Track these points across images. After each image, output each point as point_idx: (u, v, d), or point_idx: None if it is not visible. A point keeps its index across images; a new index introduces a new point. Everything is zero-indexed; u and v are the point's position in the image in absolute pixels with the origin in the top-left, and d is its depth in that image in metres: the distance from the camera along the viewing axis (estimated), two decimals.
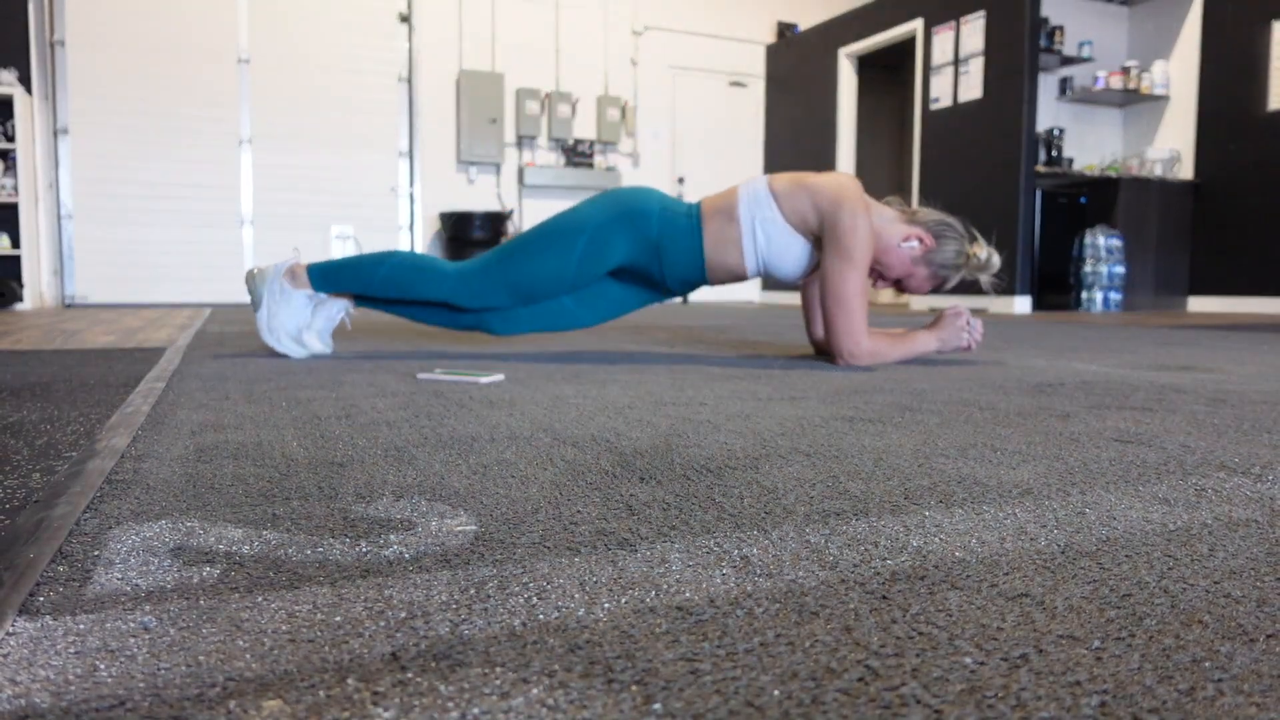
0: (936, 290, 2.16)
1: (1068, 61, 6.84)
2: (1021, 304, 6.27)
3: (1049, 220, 6.38)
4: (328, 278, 2.15)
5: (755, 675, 0.45)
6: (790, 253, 2.08)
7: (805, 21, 9.14)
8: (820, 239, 2.06)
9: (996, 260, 2.12)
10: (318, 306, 2.18)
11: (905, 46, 7.64)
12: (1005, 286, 6.21)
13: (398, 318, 4.35)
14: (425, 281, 2.12)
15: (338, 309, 2.20)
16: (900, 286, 2.16)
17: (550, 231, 2.10)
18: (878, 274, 2.14)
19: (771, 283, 8.96)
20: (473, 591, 0.57)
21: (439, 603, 0.55)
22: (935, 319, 2.16)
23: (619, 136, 8.26)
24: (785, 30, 8.93)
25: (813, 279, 2.29)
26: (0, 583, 0.56)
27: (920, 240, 2.07)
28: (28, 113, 6.25)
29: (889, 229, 2.09)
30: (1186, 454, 1.04)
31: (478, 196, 7.94)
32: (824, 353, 2.36)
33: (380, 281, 2.12)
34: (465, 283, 2.12)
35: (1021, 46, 6.05)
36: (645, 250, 2.10)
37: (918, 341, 2.10)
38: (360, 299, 2.23)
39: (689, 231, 2.08)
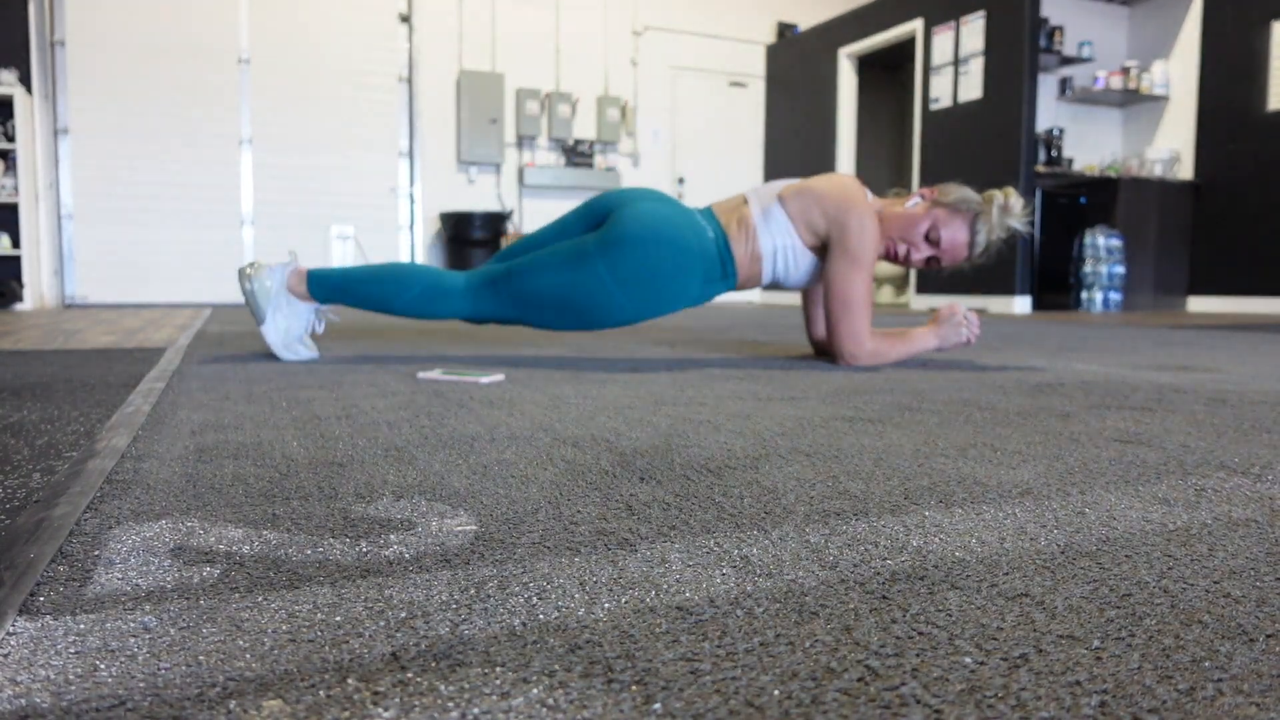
0: (973, 247, 2.05)
1: (1068, 61, 6.84)
2: (1021, 304, 6.27)
3: (1049, 220, 6.38)
4: (338, 294, 2.07)
5: (755, 675, 0.45)
6: (803, 269, 2.12)
7: (805, 21, 9.13)
8: (825, 246, 2.07)
9: (1017, 199, 2.04)
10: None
11: (905, 46, 7.63)
12: (1008, 281, 6.21)
13: (395, 315, 4.35)
14: (442, 307, 2.07)
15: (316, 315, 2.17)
16: (936, 261, 2.08)
17: (586, 309, 2.03)
18: (906, 251, 2.07)
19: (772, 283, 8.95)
20: (473, 591, 0.57)
21: (439, 603, 0.55)
22: (933, 317, 2.16)
23: (619, 136, 8.26)
24: (785, 30, 8.93)
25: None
26: (0, 583, 0.56)
27: (922, 196, 2.08)
28: (28, 113, 6.24)
29: (892, 205, 2.10)
30: (1186, 454, 1.04)
31: (478, 196, 7.94)
32: (824, 353, 2.36)
33: (402, 306, 2.07)
34: (482, 306, 2.07)
35: (1021, 46, 6.05)
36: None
37: (917, 340, 2.10)
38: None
39: (726, 284, 2.11)
